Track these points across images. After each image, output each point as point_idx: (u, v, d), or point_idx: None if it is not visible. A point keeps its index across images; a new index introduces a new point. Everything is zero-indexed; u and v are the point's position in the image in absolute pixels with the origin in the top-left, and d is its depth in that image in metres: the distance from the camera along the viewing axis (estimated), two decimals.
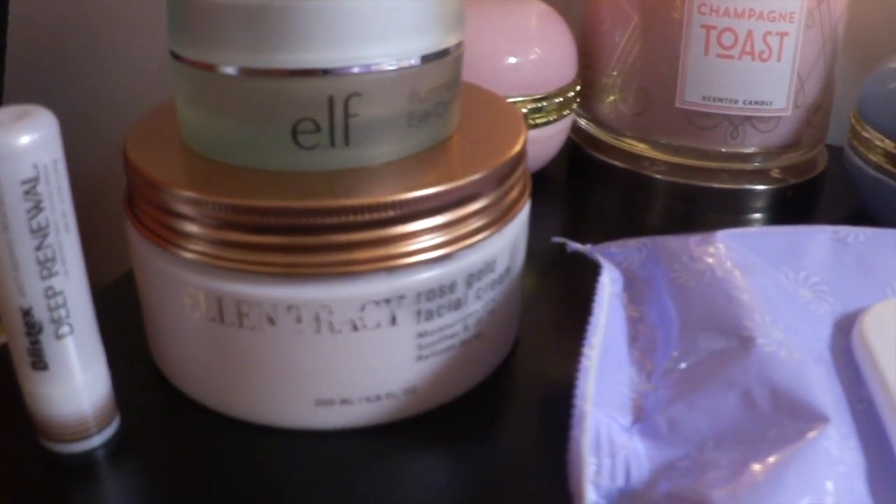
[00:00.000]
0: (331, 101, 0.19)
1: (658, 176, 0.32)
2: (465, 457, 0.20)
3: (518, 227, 0.22)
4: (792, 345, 0.18)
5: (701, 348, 0.18)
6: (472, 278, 0.20)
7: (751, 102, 0.30)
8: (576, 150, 0.35)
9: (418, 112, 0.20)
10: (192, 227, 0.19)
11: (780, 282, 0.21)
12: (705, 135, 0.31)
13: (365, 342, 0.19)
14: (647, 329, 0.20)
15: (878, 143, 0.31)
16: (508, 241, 0.21)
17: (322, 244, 0.19)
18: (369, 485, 0.19)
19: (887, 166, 0.30)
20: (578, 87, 0.33)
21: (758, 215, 0.33)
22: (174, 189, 0.19)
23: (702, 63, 0.30)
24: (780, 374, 0.17)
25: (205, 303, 0.19)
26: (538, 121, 0.31)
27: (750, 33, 0.29)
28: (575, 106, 0.34)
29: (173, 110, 0.22)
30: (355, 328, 0.19)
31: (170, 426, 0.21)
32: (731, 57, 0.29)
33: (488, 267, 0.21)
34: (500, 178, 0.21)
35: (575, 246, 0.22)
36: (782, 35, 0.30)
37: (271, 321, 0.19)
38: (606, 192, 0.34)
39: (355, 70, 0.19)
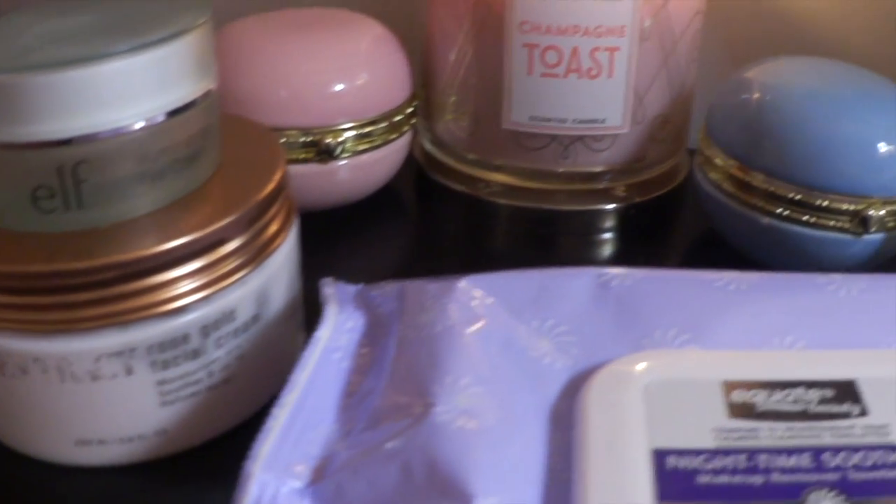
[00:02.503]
0: (60, 169, 0.21)
1: (493, 199, 0.32)
2: (215, 497, 0.21)
3: (268, 272, 0.23)
4: (482, 412, 0.18)
5: (388, 410, 0.19)
6: (207, 329, 0.22)
7: (582, 121, 0.30)
8: (420, 172, 0.36)
9: (152, 171, 0.22)
10: None
11: (517, 333, 0.21)
12: (534, 155, 0.31)
13: (106, 390, 0.22)
14: (367, 383, 0.21)
15: (718, 161, 0.30)
16: (252, 289, 0.23)
17: (57, 303, 0.21)
18: None
19: (728, 187, 0.30)
20: (410, 110, 0.33)
21: (606, 235, 0.33)
22: None
23: (526, 82, 0.30)
24: (444, 447, 0.17)
25: None
26: (366, 146, 0.31)
27: (575, 50, 0.29)
28: (412, 126, 0.34)
29: None
30: (95, 378, 0.21)
31: None
32: (557, 75, 0.29)
33: (226, 317, 0.22)
34: (243, 225, 0.22)
35: (325, 290, 0.23)
36: (612, 50, 0.29)
37: (24, 371, 0.22)
38: (445, 216, 0.35)
39: (82, 138, 0.20)
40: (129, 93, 0.21)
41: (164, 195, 0.22)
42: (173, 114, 0.22)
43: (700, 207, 0.32)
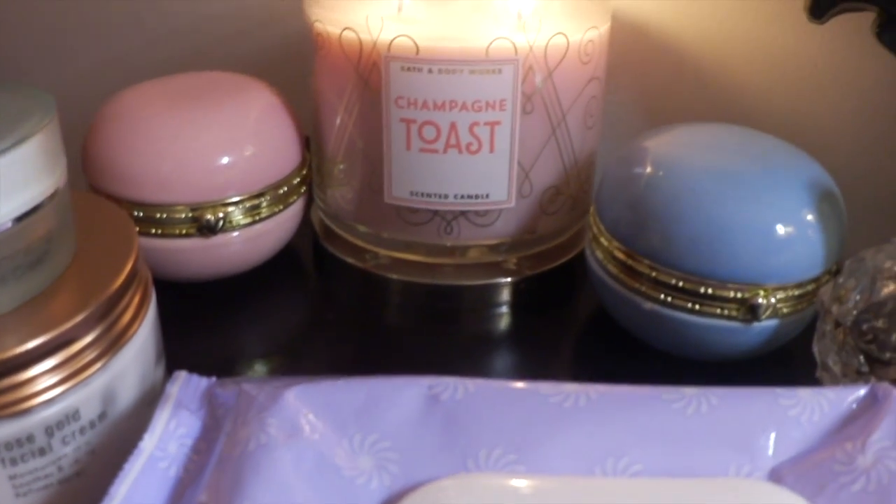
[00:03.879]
0: None
1: (380, 272, 0.31)
2: None
3: (115, 369, 0.23)
4: None
5: None
6: (51, 429, 0.22)
7: (464, 196, 0.30)
8: (315, 240, 0.35)
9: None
10: None
11: (335, 451, 0.20)
12: (418, 230, 0.30)
13: None
14: (193, 493, 0.21)
15: (604, 241, 0.29)
16: (97, 389, 0.22)
17: None
18: None
19: (612, 269, 0.29)
20: (298, 180, 0.33)
21: (498, 310, 0.32)
22: None
23: (405, 157, 0.29)
24: None
25: None
26: (253, 219, 0.31)
27: (453, 125, 0.28)
28: (303, 194, 0.33)
29: None
30: None
31: None
32: (436, 151, 0.29)
33: (70, 417, 0.22)
34: (93, 322, 0.22)
35: (166, 389, 0.23)
36: (493, 125, 0.29)
37: None
38: (339, 287, 0.34)
39: None
40: None
41: (13, 297, 0.22)
42: (20, 219, 0.22)
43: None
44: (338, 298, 0.33)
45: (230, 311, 0.32)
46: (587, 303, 0.32)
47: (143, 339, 0.25)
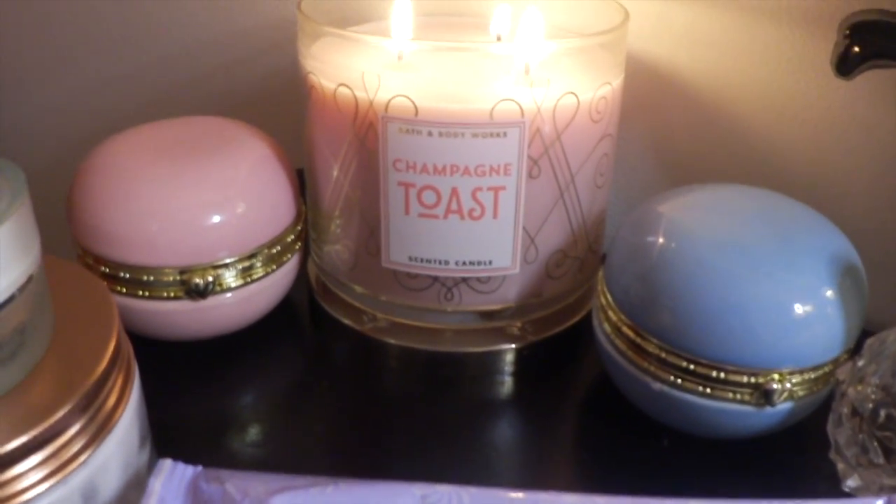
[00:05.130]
0: None
1: (377, 336, 0.30)
2: None
3: (98, 460, 0.22)
4: None
5: None
6: None
7: (465, 263, 0.28)
8: (311, 297, 0.34)
9: None
10: None
11: None
12: (417, 295, 0.29)
13: None
14: None
15: (612, 315, 0.28)
16: (79, 482, 0.21)
17: None
18: None
19: (620, 345, 0.28)
20: (293, 237, 0.31)
21: (499, 377, 0.31)
22: None
23: (404, 222, 0.28)
24: None
25: None
26: (244, 280, 0.29)
27: (455, 190, 0.27)
28: (298, 249, 0.32)
29: None
30: None
31: None
32: (436, 216, 0.27)
33: None
34: (76, 415, 0.21)
35: (149, 484, 0.22)
36: (497, 190, 0.27)
37: None
38: (335, 349, 0.32)
39: None
40: None
41: None
42: None
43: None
44: (334, 360, 0.32)
45: (221, 370, 0.31)
46: (592, 366, 0.31)
47: (128, 422, 0.24)
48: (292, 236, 0.31)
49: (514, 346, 0.30)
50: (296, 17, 0.30)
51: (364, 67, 0.27)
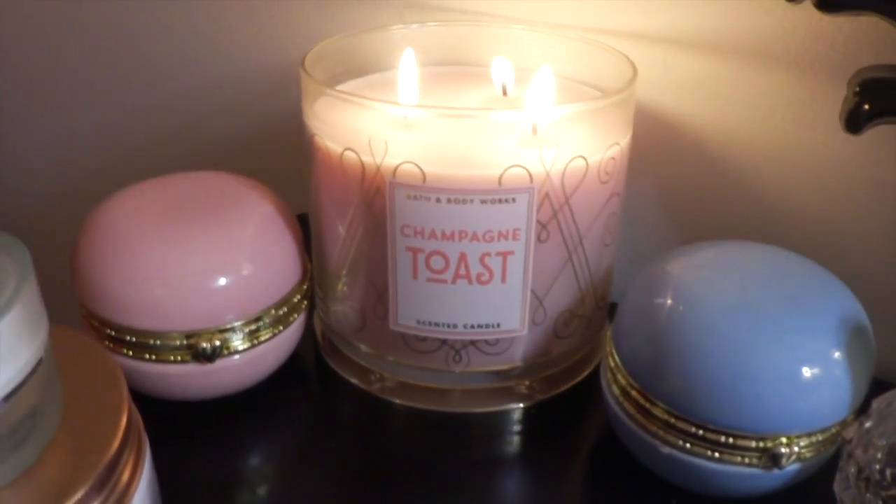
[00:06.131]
0: None
1: (385, 396, 0.30)
2: None
3: None
4: None
5: None
6: None
7: (474, 326, 0.28)
8: (317, 353, 0.34)
9: None
10: None
11: None
12: (425, 357, 0.29)
13: None
14: None
15: (621, 378, 0.28)
16: None
17: None
18: None
19: (629, 408, 0.28)
20: (299, 297, 0.31)
21: (508, 437, 0.31)
22: None
23: (412, 286, 0.28)
24: None
25: None
26: (251, 343, 0.29)
27: (463, 256, 0.27)
28: (305, 308, 0.32)
29: None
30: None
31: None
32: (444, 281, 0.27)
33: None
34: (87, 499, 0.20)
35: None
36: (506, 255, 0.27)
37: None
38: (342, 407, 0.32)
39: None
40: None
41: (2, 475, 0.21)
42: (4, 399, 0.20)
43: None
44: (341, 419, 0.32)
45: (227, 429, 0.31)
46: (600, 422, 0.31)
47: (143, 494, 0.24)
48: (299, 296, 0.31)
49: (521, 405, 0.31)
50: (295, 61, 0.30)
51: (370, 130, 0.27)
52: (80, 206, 0.32)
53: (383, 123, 0.28)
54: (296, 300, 0.31)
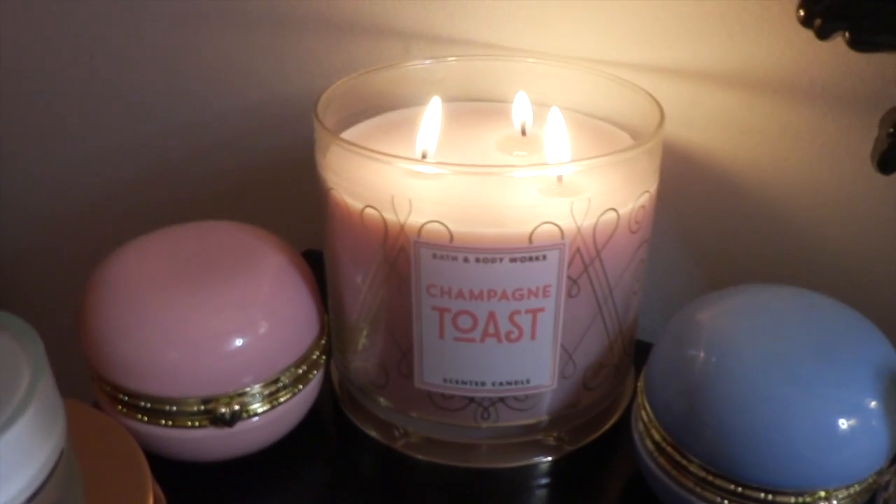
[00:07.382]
0: None
1: (409, 453, 0.30)
2: None
3: None
4: None
5: None
6: None
7: (502, 383, 0.28)
8: (336, 406, 0.33)
9: None
10: None
11: None
12: (451, 415, 0.28)
13: None
14: None
15: (655, 434, 0.28)
16: None
17: None
18: None
19: (663, 463, 0.27)
20: (318, 353, 0.30)
21: (537, 491, 0.30)
22: None
23: (438, 345, 0.27)
24: None
25: None
26: (270, 405, 0.28)
27: (492, 314, 0.26)
28: (323, 364, 0.31)
29: None
30: None
31: None
32: (473, 340, 0.27)
33: None
34: None
35: None
36: (535, 311, 0.27)
37: None
38: (363, 463, 0.31)
39: None
40: None
41: None
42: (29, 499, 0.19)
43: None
44: (362, 474, 0.31)
45: (247, 490, 0.30)
46: (629, 469, 0.30)
47: None
48: (317, 352, 0.30)
49: (550, 458, 0.30)
50: (302, 93, 0.29)
51: (392, 186, 0.26)
52: (78, 238, 0.31)
53: (404, 174, 0.27)
54: (315, 356, 0.30)
